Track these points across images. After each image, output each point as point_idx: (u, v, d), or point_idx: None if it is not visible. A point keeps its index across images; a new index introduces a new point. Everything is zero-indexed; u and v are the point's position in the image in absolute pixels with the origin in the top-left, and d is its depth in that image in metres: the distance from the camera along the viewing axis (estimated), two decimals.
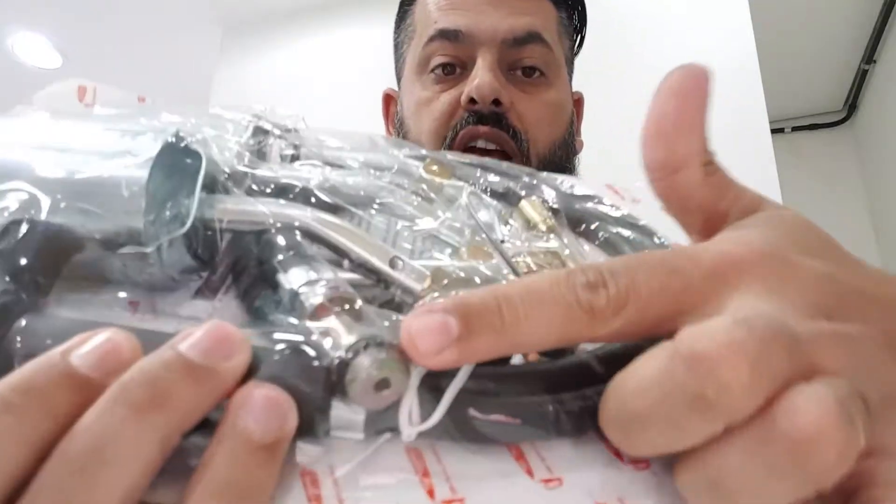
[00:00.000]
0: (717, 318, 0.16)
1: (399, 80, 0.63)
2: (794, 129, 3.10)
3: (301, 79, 2.02)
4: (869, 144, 2.96)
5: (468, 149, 0.52)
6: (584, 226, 0.28)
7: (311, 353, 0.16)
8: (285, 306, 0.20)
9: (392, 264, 0.21)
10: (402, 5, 0.64)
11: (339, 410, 0.16)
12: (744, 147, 1.71)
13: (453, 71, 0.54)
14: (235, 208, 0.23)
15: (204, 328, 0.16)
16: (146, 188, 0.21)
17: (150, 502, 0.15)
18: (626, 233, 0.27)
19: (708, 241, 0.20)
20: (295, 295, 0.19)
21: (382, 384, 0.16)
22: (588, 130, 0.74)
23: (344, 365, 0.16)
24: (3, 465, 0.14)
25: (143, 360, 0.15)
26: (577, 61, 0.72)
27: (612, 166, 0.62)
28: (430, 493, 0.16)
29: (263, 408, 0.15)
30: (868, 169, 2.98)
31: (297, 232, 0.22)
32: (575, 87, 0.69)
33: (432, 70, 0.55)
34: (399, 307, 0.21)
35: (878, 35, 2.55)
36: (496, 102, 0.51)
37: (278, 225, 0.22)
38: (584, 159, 0.70)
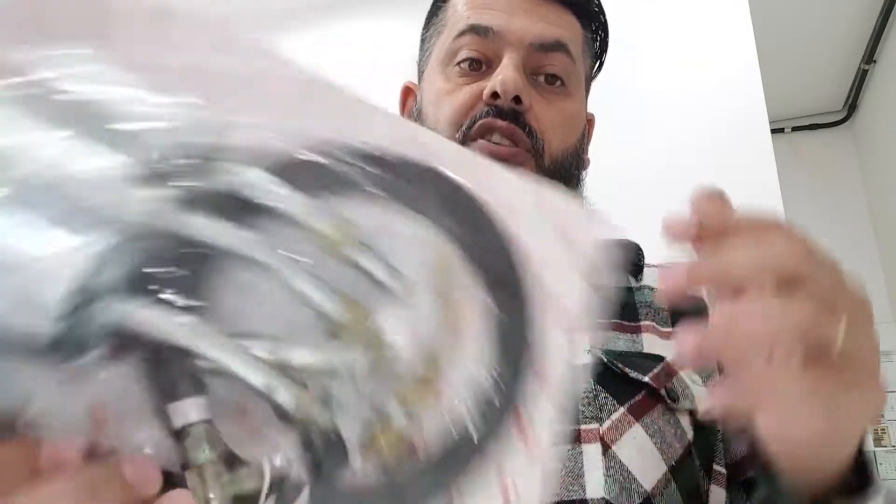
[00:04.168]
0: None
1: (421, 74, 0.64)
2: (794, 129, 3.10)
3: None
4: (869, 144, 2.96)
5: (484, 145, 0.54)
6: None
7: None
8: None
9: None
10: (435, 1, 0.65)
11: None
12: (744, 147, 1.71)
13: (479, 67, 0.56)
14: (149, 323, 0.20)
15: (135, 458, 0.21)
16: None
17: None
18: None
19: None
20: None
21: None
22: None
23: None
24: None
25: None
26: None
27: (609, 168, 0.62)
28: None
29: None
30: (868, 169, 2.98)
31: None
32: None
33: (458, 63, 0.57)
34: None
35: (878, 35, 2.55)
36: (517, 100, 0.53)
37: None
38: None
